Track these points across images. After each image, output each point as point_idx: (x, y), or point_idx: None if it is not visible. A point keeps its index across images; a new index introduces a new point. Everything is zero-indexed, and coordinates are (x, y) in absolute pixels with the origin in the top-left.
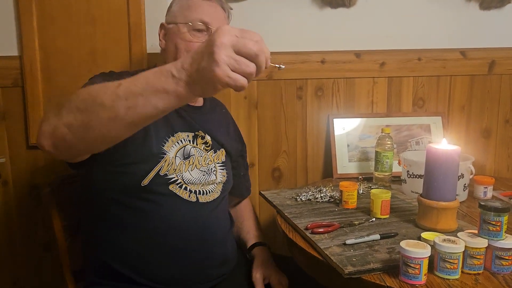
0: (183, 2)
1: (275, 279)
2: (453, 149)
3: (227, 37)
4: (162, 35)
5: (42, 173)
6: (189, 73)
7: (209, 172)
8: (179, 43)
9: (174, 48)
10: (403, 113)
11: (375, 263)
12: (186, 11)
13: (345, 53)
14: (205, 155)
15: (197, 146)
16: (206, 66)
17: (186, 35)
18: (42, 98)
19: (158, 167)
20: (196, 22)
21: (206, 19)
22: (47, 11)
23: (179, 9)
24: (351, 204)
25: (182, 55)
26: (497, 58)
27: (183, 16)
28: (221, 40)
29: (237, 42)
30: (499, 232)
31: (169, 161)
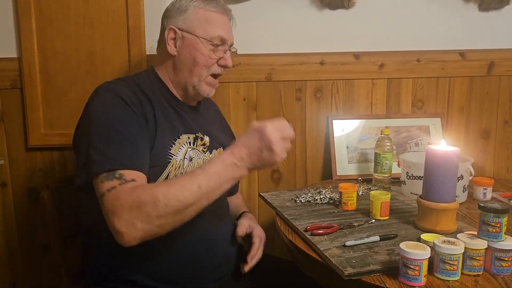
0: (201, 12)
1: (257, 231)
2: (452, 150)
3: (276, 134)
4: (172, 40)
5: (41, 175)
6: (249, 162)
7: None
8: (199, 57)
9: (192, 61)
10: (402, 115)
11: (375, 265)
12: (206, 25)
13: (344, 55)
14: (203, 157)
15: (196, 148)
16: (268, 157)
17: (210, 53)
18: (40, 100)
19: (166, 172)
20: (217, 40)
21: (225, 36)
22: (45, 13)
23: (197, 20)
24: (350, 205)
25: (200, 69)
26: (496, 59)
27: (204, 31)
28: (274, 137)
29: (281, 134)
30: (498, 233)
31: (177, 165)
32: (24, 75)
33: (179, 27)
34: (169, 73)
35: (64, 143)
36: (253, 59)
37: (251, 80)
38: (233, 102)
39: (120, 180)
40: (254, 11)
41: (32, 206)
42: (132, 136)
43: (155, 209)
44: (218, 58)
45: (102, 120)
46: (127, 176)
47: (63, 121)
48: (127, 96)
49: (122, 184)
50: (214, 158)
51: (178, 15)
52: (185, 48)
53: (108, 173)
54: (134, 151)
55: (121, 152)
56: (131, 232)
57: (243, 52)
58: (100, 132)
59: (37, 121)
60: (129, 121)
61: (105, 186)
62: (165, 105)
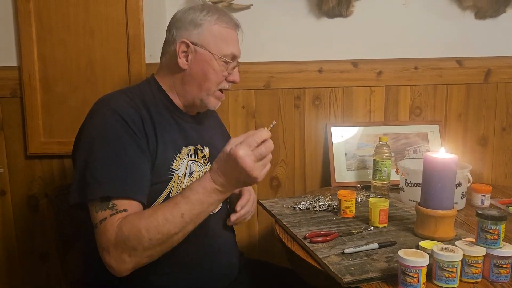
0: (215, 28)
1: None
2: (450, 157)
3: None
4: (183, 53)
5: (40, 183)
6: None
7: None
8: (211, 73)
9: (203, 76)
10: (401, 122)
11: (374, 272)
12: (221, 43)
13: (342, 62)
14: (204, 169)
15: (197, 160)
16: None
17: (222, 69)
18: (40, 108)
19: (168, 189)
20: (229, 57)
21: (237, 53)
22: (46, 22)
23: (212, 36)
24: (349, 213)
25: (210, 85)
26: (493, 66)
27: (218, 48)
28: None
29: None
30: (496, 240)
31: (178, 181)
32: (24, 84)
33: (193, 41)
34: (175, 85)
35: (63, 151)
36: (252, 67)
37: (250, 88)
38: (232, 110)
39: (112, 210)
40: (253, 19)
41: (31, 214)
42: (130, 160)
43: (140, 244)
44: (228, 75)
45: (101, 143)
46: (119, 206)
47: (63, 129)
48: (128, 115)
49: (112, 215)
50: (195, 184)
51: (192, 29)
52: (197, 63)
53: (102, 202)
54: (131, 177)
55: (117, 178)
56: (121, 265)
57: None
58: (98, 155)
59: (37, 130)
60: (129, 144)
61: (98, 216)
62: (167, 116)
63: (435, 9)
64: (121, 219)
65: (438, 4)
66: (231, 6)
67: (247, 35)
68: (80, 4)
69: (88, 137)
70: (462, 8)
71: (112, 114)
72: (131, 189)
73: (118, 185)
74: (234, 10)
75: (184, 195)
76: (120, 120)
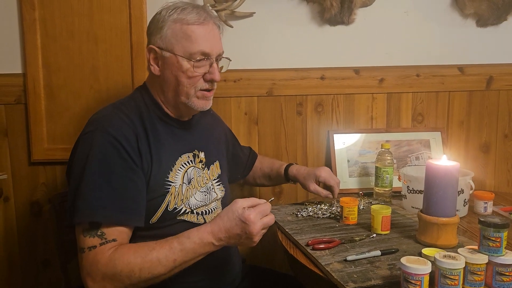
0: (177, 28)
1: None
2: (452, 165)
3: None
4: (154, 60)
5: (43, 190)
6: (226, 242)
7: (209, 191)
8: (181, 76)
9: (175, 81)
10: (403, 129)
11: (376, 280)
12: (185, 42)
13: (344, 70)
14: (202, 174)
15: (195, 165)
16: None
17: (190, 71)
18: (44, 115)
19: (165, 203)
20: (197, 55)
21: (207, 50)
22: (50, 29)
23: (174, 36)
24: (351, 220)
25: (185, 88)
26: (495, 74)
27: (182, 48)
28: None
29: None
30: (499, 248)
31: (175, 192)
32: (29, 91)
33: (158, 46)
34: (158, 93)
35: (67, 158)
36: (254, 74)
37: (253, 95)
38: (234, 117)
39: (101, 239)
40: (256, 27)
41: (34, 220)
42: (123, 184)
43: (129, 279)
44: (203, 74)
45: (91, 165)
46: (108, 235)
47: (66, 136)
48: (123, 135)
49: (102, 245)
50: (193, 233)
51: (156, 33)
52: (167, 68)
53: (90, 227)
54: (123, 202)
55: (108, 204)
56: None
57: (245, 67)
58: (89, 179)
59: (41, 136)
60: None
61: (86, 242)
62: (162, 128)
63: (436, 16)
64: (112, 249)
65: (439, 12)
66: (234, 14)
67: (249, 42)
68: (84, 12)
69: (80, 160)
70: (463, 16)
71: (106, 136)
72: (122, 215)
73: (108, 211)
74: (236, 18)
75: (180, 241)
76: (113, 142)
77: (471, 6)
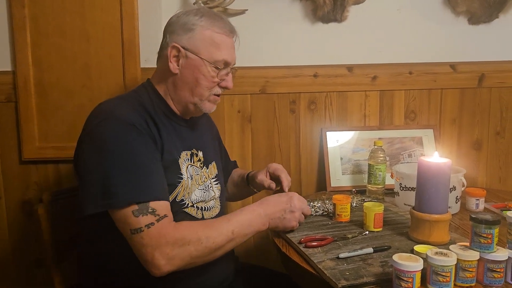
0: (207, 34)
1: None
2: (444, 162)
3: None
4: (174, 57)
5: (35, 188)
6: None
7: (208, 189)
8: (202, 79)
9: (194, 82)
10: (395, 126)
11: (368, 277)
12: (212, 48)
13: (337, 67)
14: (200, 173)
15: (194, 164)
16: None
17: (213, 75)
18: (35, 113)
19: (175, 193)
20: (221, 63)
21: (229, 60)
22: (41, 27)
23: (203, 41)
24: (344, 217)
25: (202, 90)
26: (486, 71)
27: (209, 53)
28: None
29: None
30: (490, 244)
31: (185, 185)
32: (19, 88)
33: (184, 46)
34: (169, 89)
35: (58, 156)
36: (248, 72)
37: (246, 93)
38: (227, 115)
39: (155, 215)
40: (248, 24)
41: (25, 220)
42: (150, 165)
43: (196, 249)
44: (220, 81)
45: (117, 151)
46: (159, 210)
47: (58, 134)
48: (138, 121)
49: (160, 221)
50: (244, 208)
51: (183, 33)
52: (188, 68)
53: (139, 207)
54: (157, 179)
55: (147, 183)
56: (169, 266)
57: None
58: (117, 164)
59: (32, 134)
60: (145, 148)
61: (141, 221)
62: (166, 122)
63: (429, 14)
64: (173, 224)
65: (431, 10)
66: (227, 11)
67: (242, 40)
68: (75, 10)
69: (100, 148)
70: (455, 13)
71: (121, 122)
72: (161, 190)
73: (149, 189)
74: (229, 15)
75: (235, 213)
76: (130, 126)
77: (463, 4)
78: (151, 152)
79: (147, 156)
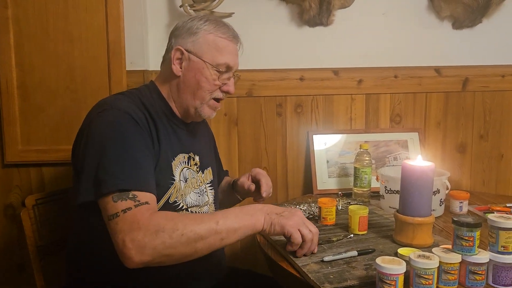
0: (211, 38)
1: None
2: (427, 165)
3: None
4: (178, 60)
5: (18, 192)
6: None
7: (202, 194)
8: (204, 81)
9: (196, 84)
10: (381, 129)
11: (352, 280)
12: (215, 52)
13: (323, 71)
14: (196, 177)
15: (190, 167)
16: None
17: (214, 78)
18: (18, 116)
19: (168, 194)
20: (223, 67)
21: (231, 64)
22: (24, 28)
23: (206, 44)
24: (329, 220)
25: (203, 93)
26: (470, 75)
27: (211, 57)
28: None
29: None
30: (472, 247)
31: (178, 186)
32: (2, 91)
33: (187, 49)
34: (172, 92)
35: (41, 160)
36: None
37: (232, 96)
38: (214, 117)
39: (135, 201)
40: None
41: (8, 224)
42: (142, 157)
43: (171, 236)
44: (222, 84)
45: (113, 141)
46: (141, 198)
47: (41, 137)
48: (136, 114)
49: (138, 206)
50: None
51: (187, 36)
52: (191, 70)
53: (120, 193)
54: (145, 172)
55: (133, 173)
56: (139, 256)
57: None
58: (110, 152)
59: (14, 137)
60: (139, 140)
61: (119, 206)
62: (166, 123)
63: (413, 19)
64: (151, 211)
65: (416, 14)
66: (213, 14)
67: None
68: (59, 11)
69: (98, 138)
70: (440, 18)
71: (121, 114)
72: (148, 183)
73: (136, 178)
74: None
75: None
76: (130, 118)
77: (447, 8)
78: (145, 146)
79: (140, 149)
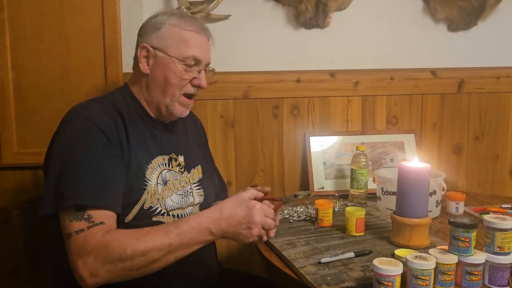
0: (175, 31)
1: None
2: (423, 167)
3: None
4: (144, 58)
5: (11, 196)
6: (224, 233)
7: (186, 195)
8: (172, 77)
9: (165, 81)
10: (377, 131)
11: (349, 281)
12: (181, 45)
13: (320, 73)
14: (180, 178)
15: (172, 169)
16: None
17: (182, 73)
18: (14, 118)
19: (142, 200)
20: (190, 60)
21: (200, 57)
22: (20, 31)
23: (171, 39)
24: (326, 222)
25: (173, 89)
26: (466, 77)
27: (177, 50)
28: (258, 220)
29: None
30: (468, 248)
31: (152, 191)
32: None
33: (152, 45)
34: (142, 91)
35: (37, 162)
36: (230, 76)
37: (228, 98)
38: (210, 120)
39: (89, 222)
40: (232, 29)
41: (2, 227)
42: (105, 169)
43: (122, 262)
44: (192, 78)
45: (75, 152)
46: (95, 218)
47: (37, 139)
48: (102, 122)
49: (91, 228)
50: (192, 216)
51: (152, 33)
52: (158, 67)
53: (76, 211)
54: (105, 186)
55: (92, 188)
56: (93, 278)
57: (220, 69)
58: (72, 165)
59: (10, 140)
60: (103, 152)
61: (73, 226)
62: (140, 124)
63: (409, 21)
64: (103, 232)
65: (412, 17)
66: (209, 16)
67: (225, 45)
68: (55, 13)
69: (61, 147)
70: (435, 20)
71: (86, 122)
72: (107, 199)
73: (93, 194)
74: (212, 20)
75: (177, 225)
76: (94, 128)
77: (443, 11)
78: (110, 157)
79: (102, 160)
